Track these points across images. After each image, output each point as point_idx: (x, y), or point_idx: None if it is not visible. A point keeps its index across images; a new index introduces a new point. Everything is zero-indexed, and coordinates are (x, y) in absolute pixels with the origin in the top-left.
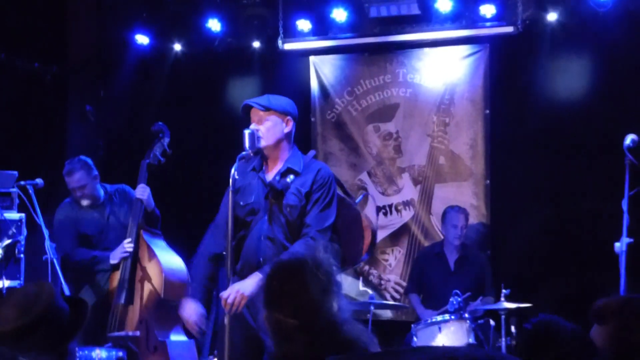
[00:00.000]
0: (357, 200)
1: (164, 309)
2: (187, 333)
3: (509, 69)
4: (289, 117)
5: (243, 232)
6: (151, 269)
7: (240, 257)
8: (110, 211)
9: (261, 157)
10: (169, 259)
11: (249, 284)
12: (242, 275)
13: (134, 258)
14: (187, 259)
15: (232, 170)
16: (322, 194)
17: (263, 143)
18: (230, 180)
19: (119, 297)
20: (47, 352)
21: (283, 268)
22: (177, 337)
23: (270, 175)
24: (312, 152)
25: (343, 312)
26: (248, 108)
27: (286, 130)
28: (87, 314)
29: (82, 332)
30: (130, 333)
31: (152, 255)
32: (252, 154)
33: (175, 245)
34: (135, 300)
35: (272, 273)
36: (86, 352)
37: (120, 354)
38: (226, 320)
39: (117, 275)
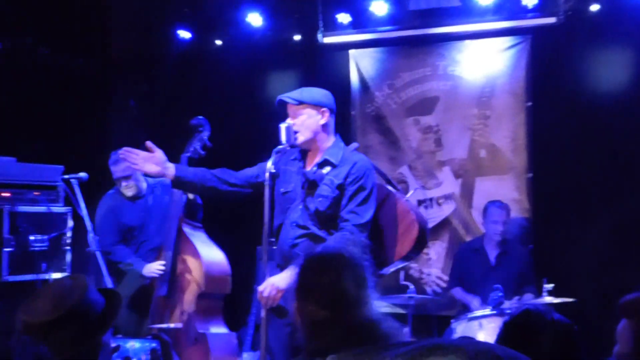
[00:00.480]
0: (408, 196)
1: (205, 302)
2: (229, 326)
3: (551, 60)
4: (324, 109)
5: (280, 220)
6: (192, 262)
7: (278, 245)
8: (152, 203)
9: (301, 149)
10: (210, 252)
11: (284, 277)
12: (279, 264)
13: (175, 251)
14: (226, 252)
15: (269, 164)
16: (359, 188)
17: (300, 137)
18: (267, 174)
19: (161, 290)
20: (81, 343)
21: (317, 260)
22: (217, 329)
23: (309, 166)
24: (354, 145)
25: (377, 308)
26: (283, 102)
27: (322, 122)
28: (120, 307)
29: (124, 323)
30: (172, 325)
31: (193, 248)
32: (288, 148)
33: (215, 238)
34: (177, 293)
35: (306, 264)
36: (121, 343)
37: (154, 344)
38: (263, 314)
39: None
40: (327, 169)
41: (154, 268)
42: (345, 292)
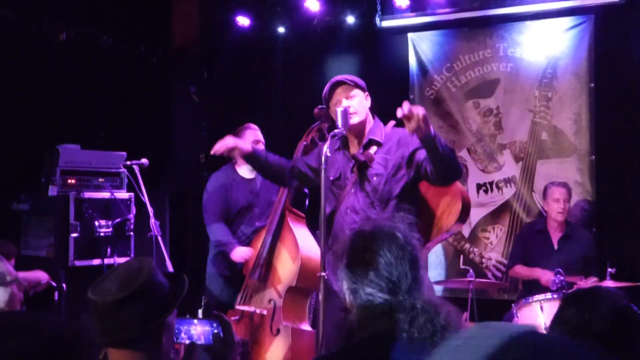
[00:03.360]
0: None
1: (294, 295)
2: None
3: (615, 40)
4: (367, 92)
5: (331, 208)
6: (290, 253)
7: (330, 232)
8: (260, 187)
9: (343, 135)
10: (309, 247)
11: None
12: (333, 250)
13: (275, 238)
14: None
15: (325, 148)
16: (417, 147)
17: (356, 119)
18: (323, 158)
19: (254, 273)
20: (146, 323)
21: (369, 239)
22: (302, 325)
23: (354, 149)
24: (392, 122)
25: (434, 291)
26: (336, 85)
27: (368, 104)
28: (185, 290)
29: (218, 296)
30: (257, 310)
31: (293, 239)
32: (344, 132)
33: None
34: (269, 280)
35: (357, 244)
36: (185, 327)
37: (215, 325)
38: (320, 297)
39: (256, 250)
40: (373, 149)
41: (242, 253)
42: (401, 273)
